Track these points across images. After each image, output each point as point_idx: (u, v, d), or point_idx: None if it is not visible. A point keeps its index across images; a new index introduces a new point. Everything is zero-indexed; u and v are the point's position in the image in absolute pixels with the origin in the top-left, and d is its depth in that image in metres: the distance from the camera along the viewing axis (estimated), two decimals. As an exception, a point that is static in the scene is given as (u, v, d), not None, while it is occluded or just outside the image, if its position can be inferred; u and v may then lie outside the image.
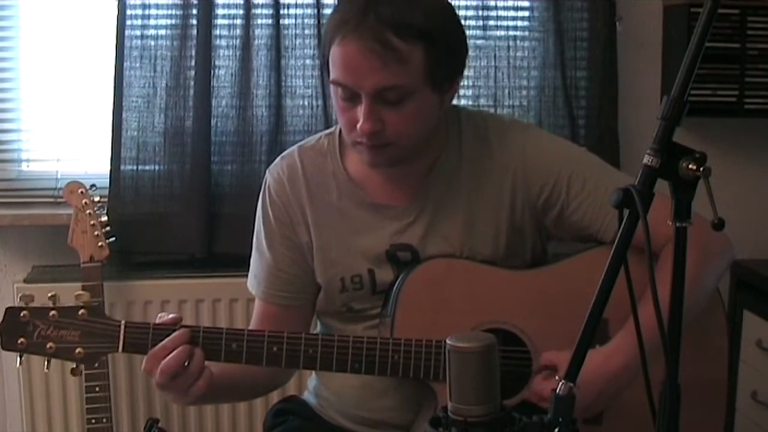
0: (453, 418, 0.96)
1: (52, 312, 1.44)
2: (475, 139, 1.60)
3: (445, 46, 1.44)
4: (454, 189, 1.59)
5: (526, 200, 1.59)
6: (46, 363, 1.48)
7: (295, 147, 1.67)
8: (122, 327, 1.45)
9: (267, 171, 1.67)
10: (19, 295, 1.46)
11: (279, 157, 1.67)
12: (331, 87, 1.48)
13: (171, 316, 1.47)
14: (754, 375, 2.39)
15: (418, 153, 1.56)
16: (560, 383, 0.97)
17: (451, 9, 1.53)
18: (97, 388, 2.13)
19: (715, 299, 1.62)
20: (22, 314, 1.43)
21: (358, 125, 1.44)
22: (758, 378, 2.37)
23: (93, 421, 2.14)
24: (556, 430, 0.96)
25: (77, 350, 1.45)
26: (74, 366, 1.47)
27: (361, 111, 1.43)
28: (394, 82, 1.41)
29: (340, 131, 1.59)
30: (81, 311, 1.45)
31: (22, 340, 1.43)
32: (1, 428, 2.50)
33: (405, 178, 1.60)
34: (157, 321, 1.47)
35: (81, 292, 1.49)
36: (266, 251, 1.64)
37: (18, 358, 1.47)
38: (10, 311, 1.44)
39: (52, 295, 1.45)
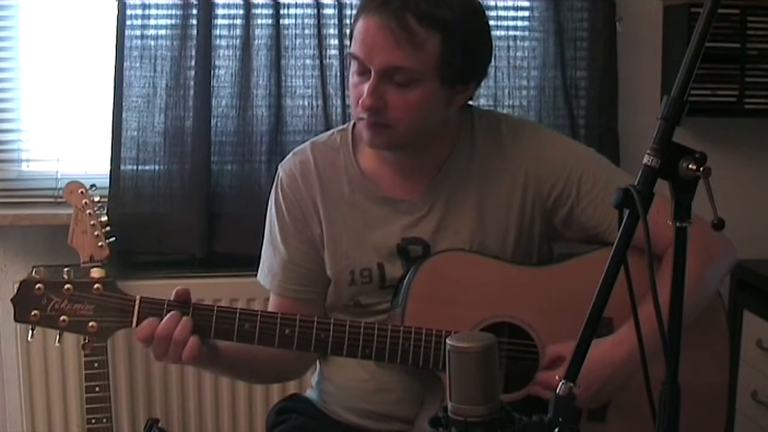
0: (453, 418, 0.96)
1: (67, 286, 1.45)
2: (488, 137, 1.62)
3: (464, 44, 1.47)
4: (466, 185, 1.61)
5: (537, 198, 1.61)
6: (57, 336, 1.49)
7: (307, 143, 1.70)
8: (137, 302, 1.47)
9: (279, 166, 1.69)
10: (34, 269, 1.47)
11: (291, 153, 1.70)
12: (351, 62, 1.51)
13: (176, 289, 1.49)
14: (754, 375, 2.39)
15: (425, 145, 1.58)
16: (560, 383, 0.98)
17: (481, 15, 1.55)
18: (97, 388, 2.12)
19: (716, 302, 1.62)
20: (36, 287, 1.44)
21: (360, 99, 1.47)
22: (758, 378, 2.37)
23: (93, 421, 2.14)
24: (557, 430, 0.96)
25: (90, 324, 1.46)
26: (85, 341, 1.47)
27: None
28: (403, 64, 1.44)
29: (353, 126, 1.62)
30: (96, 285, 1.46)
31: (35, 312, 1.44)
32: (1, 428, 2.50)
33: (416, 172, 1.62)
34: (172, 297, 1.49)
35: (96, 267, 1.49)
36: (280, 245, 1.66)
37: (30, 331, 1.48)
38: (24, 284, 1.45)
39: (68, 269, 1.47)
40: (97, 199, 2.18)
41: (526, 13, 2.55)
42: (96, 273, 1.47)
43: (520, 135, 1.63)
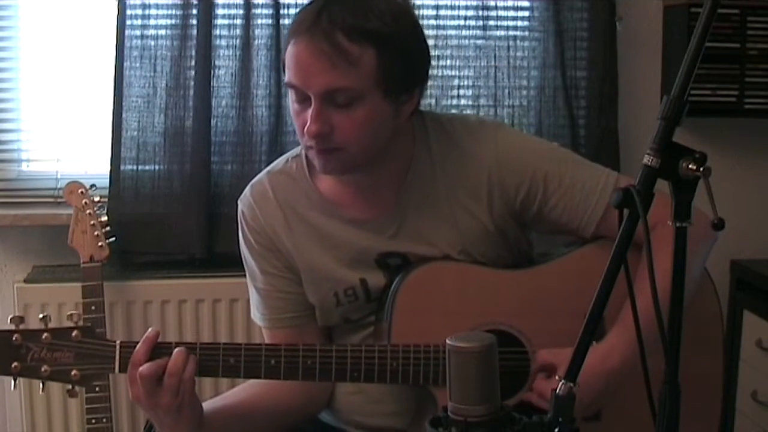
0: (453, 418, 0.96)
1: (45, 334, 1.40)
2: (444, 143, 1.58)
3: (400, 52, 1.42)
4: (432, 195, 1.57)
5: (503, 200, 1.57)
6: (41, 385, 1.44)
7: (263, 173, 1.65)
8: (117, 347, 1.42)
9: (239, 201, 1.65)
10: (9, 317, 1.41)
11: (248, 186, 1.66)
12: (289, 91, 1.46)
13: (147, 334, 1.44)
14: (754, 375, 2.39)
15: (381, 161, 1.53)
16: (560, 383, 0.97)
17: (411, 17, 1.51)
18: (97, 388, 2.12)
19: (707, 287, 1.61)
20: (14, 338, 1.39)
21: (306, 127, 1.42)
22: (758, 378, 2.37)
23: (93, 421, 2.14)
24: (556, 430, 0.96)
25: (73, 372, 1.41)
26: (70, 388, 1.42)
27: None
28: (343, 84, 1.39)
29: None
30: (74, 332, 1.41)
31: (15, 364, 1.39)
32: (1, 428, 2.50)
33: (379, 189, 1.57)
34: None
35: (72, 312, 1.45)
36: (260, 277, 1.62)
37: (12, 382, 1.43)
38: (0, 335, 1.40)
39: (43, 317, 1.42)
40: (97, 199, 2.18)
41: (526, 13, 2.55)
42: (74, 318, 1.43)
43: (479, 136, 1.58)
